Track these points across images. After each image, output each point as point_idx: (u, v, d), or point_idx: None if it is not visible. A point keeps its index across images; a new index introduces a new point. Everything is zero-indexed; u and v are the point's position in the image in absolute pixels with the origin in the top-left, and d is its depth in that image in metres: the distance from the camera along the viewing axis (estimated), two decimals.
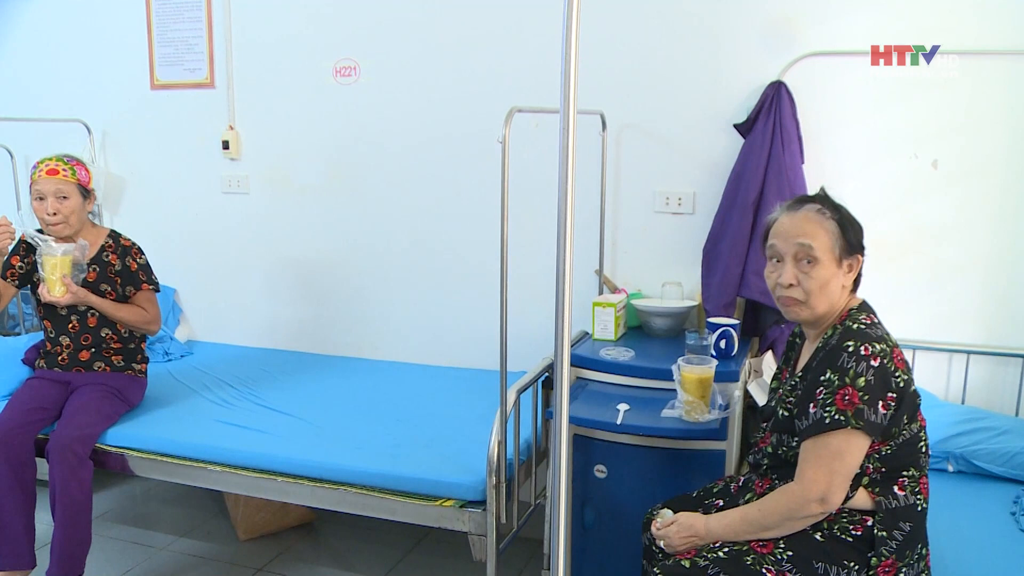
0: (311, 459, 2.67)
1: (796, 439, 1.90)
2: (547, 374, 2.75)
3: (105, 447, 2.98)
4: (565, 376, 1.23)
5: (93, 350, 3.13)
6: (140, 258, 3.16)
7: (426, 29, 3.44)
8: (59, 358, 3.14)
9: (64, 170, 3.00)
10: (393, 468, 2.56)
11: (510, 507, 2.48)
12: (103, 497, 3.95)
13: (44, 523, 3.00)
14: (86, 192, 3.07)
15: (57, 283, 2.91)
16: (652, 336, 3.08)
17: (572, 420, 2.58)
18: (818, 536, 1.89)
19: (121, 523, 3.74)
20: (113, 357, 3.15)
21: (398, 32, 3.48)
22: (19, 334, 3.47)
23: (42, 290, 2.95)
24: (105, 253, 3.13)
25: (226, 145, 3.83)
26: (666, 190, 3.20)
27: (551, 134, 3.18)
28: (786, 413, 1.97)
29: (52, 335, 3.15)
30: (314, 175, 3.74)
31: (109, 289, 3.11)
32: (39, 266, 2.93)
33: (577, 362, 2.81)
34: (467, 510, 2.45)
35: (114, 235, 3.18)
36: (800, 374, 2.00)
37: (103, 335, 3.13)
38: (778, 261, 1.98)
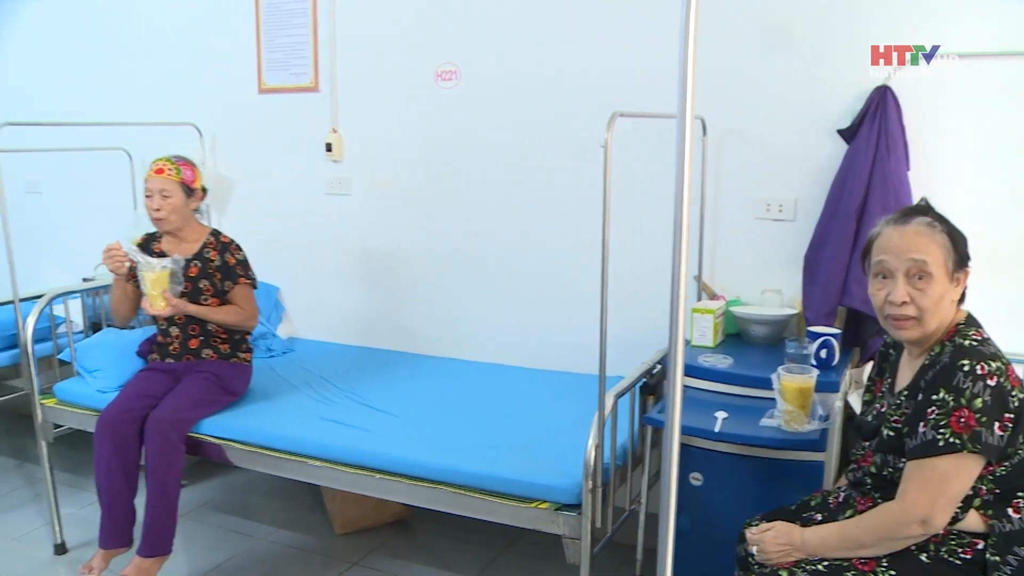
0: (409, 457, 2.71)
1: (903, 459, 1.85)
2: (645, 380, 2.74)
3: (203, 436, 3.08)
4: (678, 389, 1.23)
5: (201, 338, 3.27)
6: (238, 254, 3.29)
7: (526, 33, 3.46)
8: (170, 348, 3.29)
9: (169, 169, 3.17)
10: (489, 469, 2.58)
11: (605, 512, 2.48)
12: (207, 486, 4.09)
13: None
14: (189, 190, 3.22)
15: (158, 297, 3.07)
16: (750, 344, 3.04)
17: None
18: (923, 557, 1.84)
19: (223, 512, 3.86)
20: (221, 345, 3.29)
21: (499, 37, 3.51)
22: (133, 328, 3.61)
23: (144, 303, 3.12)
24: (206, 250, 3.26)
25: (329, 147, 3.91)
26: (767, 196, 3.16)
27: (649, 138, 3.19)
28: (892, 433, 1.91)
29: (163, 327, 3.30)
30: (414, 177, 3.80)
31: (208, 284, 3.23)
32: (140, 281, 3.10)
33: None
34: (562, 513, 2.45)
35: (215, 233, 3.32)
36: (906, 392, 1.93)
37: (209, 327, 3.27)
38: (885, 278, 1.91)
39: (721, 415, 2.48)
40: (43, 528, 3.71)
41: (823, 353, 2.70)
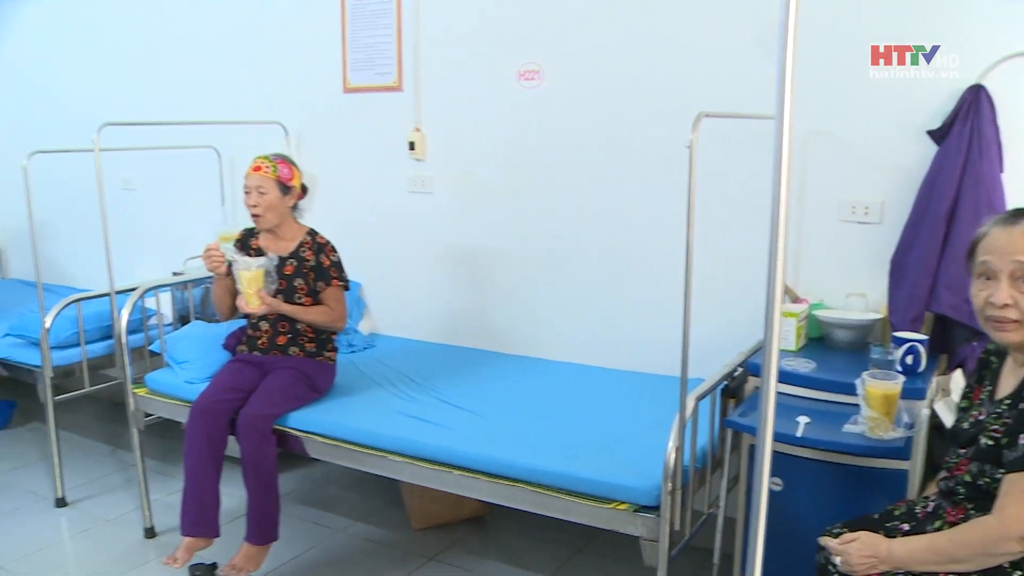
0: (488, 454, 2.73)
1: (1001, 470, 1.80)
2: (726, 382, 2.72)
3: (286, 429, 3.15)
4: (771, 396, 1.22)
5: (289, 336, 3.34)
6: (333, 255, 3.33)
7: (610, 33, 3.45)
8: (259, 342, 3.37)
9: (266, 167, 3.23)
10: (568, 468, 2.58)
11: (683, 514, 2.47)
12: (288, 477, 4.17)
13: (236, 497, 3.20)
14: (286, 188, 3.27)
15: (253, 296, 3.15)
16: (834, 348, 2.99)
17: (749, 430, 2.55)
18: (1018, 575, 1.79)
19: (303, 504, 3.94)
20: (307, 344, 3.34)
21: (582, 36, 3.51)
22: (219, 321, 3.70)
23: (239, 302, 3.19)
24: (302, 249, 3.32)
25: (412, 146, 3.95)
26: (853, 198, 3.10)
27: (732, 138, 3.15)
28: (990, 442, 1.85)
29: (254, 321, 3.38)
30: (495, 176, 3.82)
31: (302, 283, 3.29)
32: (236, 280, 3.18)
33: (756, 371, 2.77)
34: (640, 515, 2.45)
35: (312, 233, 3.37)
36: (1008, 401, 1.87)
37: (299, 326, 3.33)
38: (988, 279, 1.85)
39: (803, 420, 2.45)
40: (134, 512, 3.84)
41: (909, 359, 2.64)
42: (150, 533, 3.67)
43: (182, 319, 4.07)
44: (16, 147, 3.53)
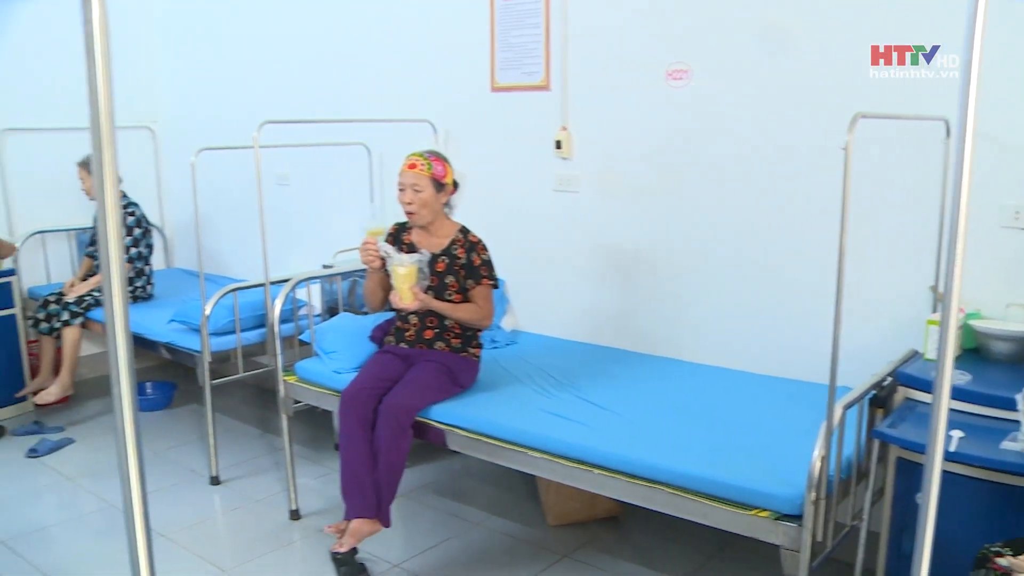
0: (627, 454, 2.72)
1: None
2: (875, 392, 2.64)
3: (428, 421, 3.22)
4: (943, 414, 1.18)
5: (436, 330, 3.41)
6: (484, 254, 3.38)
7: (760, 32, 3.39)
8: (406, 334, 3.45)
9: (421, 164, 3.29)
10: (708, 472, 2.55)
11: (826, 525, 2.41)
12: (426, 469, 4.27)
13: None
14: (440, 185, 3.33)
15: (407, 292, 3.22)
16: (991, 360, 2.86)
17: (898, 442, 2.47)
18: None
19: (441, 495, 4.03)
20: (453, 340, 3.41)
21: (731, 36, 3.45)
22: (367, 313, 3.81)
23: (393, 297, 3.28)
24: (454, 246, 3.38)
25: (559, 145, 3.98)
26: (1016, 203, 2.95)
27: (887, 140, 3.05)
28: None
29: (403, 315, 3.46)
30: (642, 176, 3.80)
31: (453, 280, 3.36)
32: (390, 275, 3.26)
33: (907, 382, 2.68)
34: (782, 523, 2.40)
35: (464, 230, 3.43)
36: None
37: (446, 322, 3.39)
38: None
39: (957, 434, 2.35)
40: (281, 494, 4.00)
41: None
42: (295, 515, 3.82)
43: (330, 310, 4.22)
44: (184, 146, 3.73)
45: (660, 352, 3.83)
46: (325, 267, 4.44)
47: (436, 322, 3.40)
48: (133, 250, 5.08)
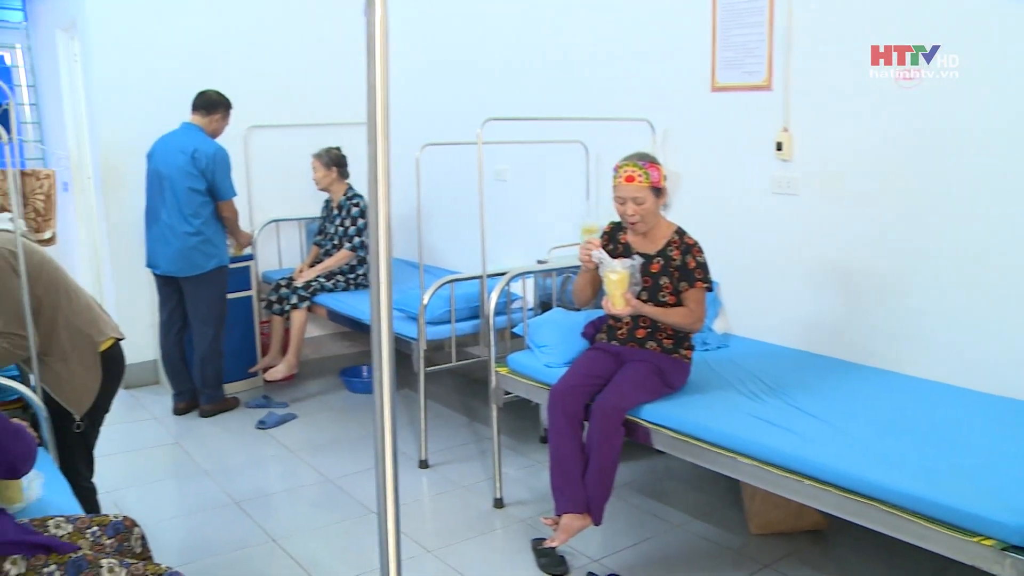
0: (839, 467, 2.62)
1: None
2: None
3: (637, 420, 3.22)
4: None
5: (648, 330, 3.41)
6: (699, 256, 3.34)
7: (996, 31, 3.18)
8: (618, 332, 3.48)
9: (639, 176, 3.25)
10: (927, 492, 2.41)
11: None
12: (630, 467, 4.27)
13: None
14: (658, 191, 3.31)
15: (619, 298, 3.23)
16: None
17: None
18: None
19: (642, 494, 4.02)
20: (665, 340, 3.40)
21: (967, 35, 3.26)
22: (579, 310, 3.86)
23: (604, 302, 3.29)
24: (670, 248, 3.36)
25: (779, 147, 3.88)
26: None
27: None
28: None
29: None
30: (868, 180, 3.63)
31: (667, 282, 3.35)
32: (603, 281, 3.28)
33: None
34: (1009, 554, 2.24)
35: (680, 232, 3.40)
36: None
37: (658, 321, 3.39)
38: None
39: None
40: (486, 482, 4.12)
41: None
42: (499, 503, 3.91)
43: (543, 305, 4.30)
44: (408, 141, 3.89)
45: (878, 364, 3.66)
46: (539, 263, 4.51)
47: (648, 321, 3.39)
48: (357, 239, 5.36)
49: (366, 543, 3.58)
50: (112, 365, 3.18)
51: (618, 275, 3.21)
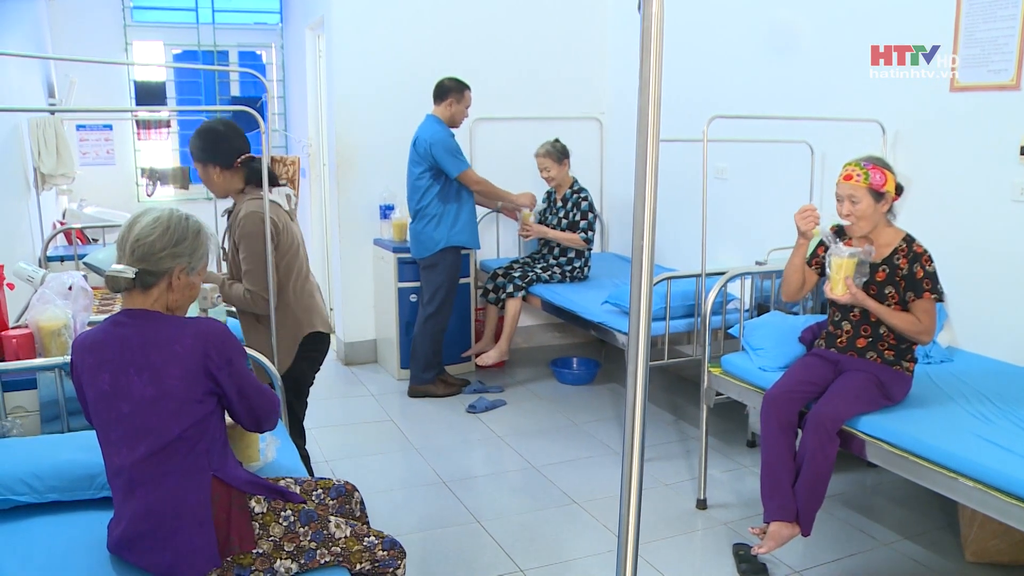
0: None
1: None
2: None
3: (853, 431, 3.13)
4: None
5: (870, 339, 3.31)
6: (929, 266, 3.21)
7: None
8: (837, 340, 3.39)
9: (858, 175, 3.18)
10: None
11: None
12: (838, 479, 4.13)
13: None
14: (878, 195, 3.20)
15: (840, 283, 3.16)
16: None
17: None
18: None
19: (849, 508, 3.91)
20: (886, 351, 3.29)
21: None
22: (797, 314, 3.78)
23: (826, 287, 3.23)
24: (896, 256, 3.25)
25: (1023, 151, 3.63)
26: None
27: None
28: None
29: (836, 319, 3.41)
30: None
31: (892, 291, 3.23)
32: (827, 264, 3.22)
33: None
34: None
35: (908, 239, 3.27)
36: None
37: (881, 331, 3.28)
38: None
39: None
40: (689, 482, 4.12)
41: None
42: (702, 504, 3.90)
43: (759, 307, 4.23)
44: (629, 137, 3.92)
45: None
46: (757, 263, 4.44)
47: (870, 331, 3.29)
48: (590, 233, 5.45)
49: (565, 532, 3.66)
50: (312, 348, 3.44)
51: (843, 259, 3.14)
